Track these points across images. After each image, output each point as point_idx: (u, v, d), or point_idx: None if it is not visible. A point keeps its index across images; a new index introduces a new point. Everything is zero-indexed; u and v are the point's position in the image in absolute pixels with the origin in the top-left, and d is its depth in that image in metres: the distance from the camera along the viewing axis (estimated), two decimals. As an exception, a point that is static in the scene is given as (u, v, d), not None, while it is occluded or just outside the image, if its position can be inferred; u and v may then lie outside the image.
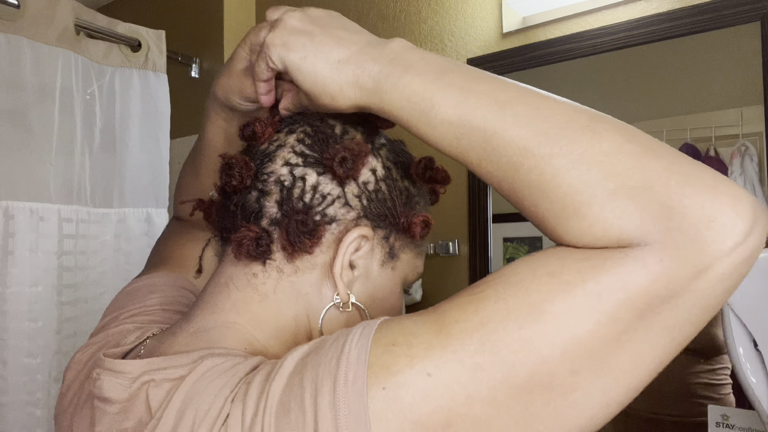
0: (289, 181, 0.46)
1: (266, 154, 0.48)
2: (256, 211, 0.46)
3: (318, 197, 0.46)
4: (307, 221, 0.44)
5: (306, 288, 0.47)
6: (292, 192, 0.46)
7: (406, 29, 1.49)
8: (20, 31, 1.25)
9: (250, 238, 0.45)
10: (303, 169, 0.46)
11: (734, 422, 0.89)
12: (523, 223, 1.27)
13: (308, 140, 0.48)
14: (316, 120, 0.49)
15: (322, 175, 0.46)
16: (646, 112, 1.11)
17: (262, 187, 0.47)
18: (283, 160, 0.47)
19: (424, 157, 0.52)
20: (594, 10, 1.18)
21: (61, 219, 1.32)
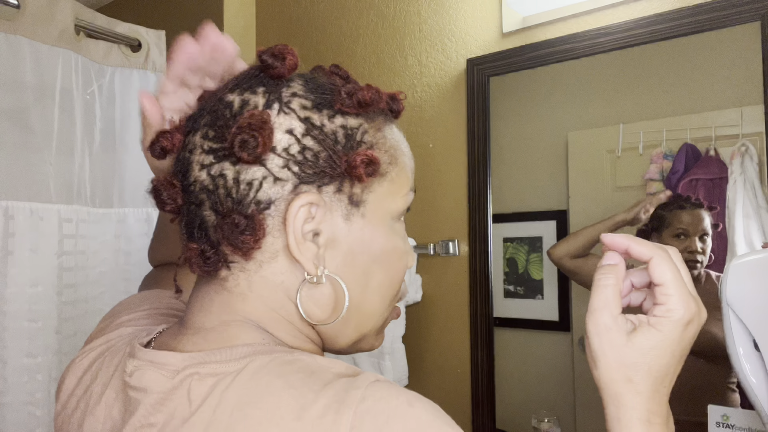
0: (210, 183, 0.44)
1: (184, 163, 0.45)
2: (198, 224, 0.45)
3: (244, 188, 0.43)
4: (238, 221, 0.42)
5: (278, 277, 0.45)
6: (218, 194, 0.43)
7: (406, 29, 1.49)
8: (20, 31, 1.25)
9: (195, 256, 0.44)
10: (218, 166, 0.43)
11: (734, 422, 0.89)
12: (523, 223, 1.27)
13: (211, 132, 0.44)
14: (214, 103, 0.46)
15: (238, 164, 0.43)
16: (646, 112, 1.12)
17: (193, 199, 0.45)
18: (199, 164, 0.44)
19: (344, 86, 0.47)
20: (594, 10, 1.18)
21: (61, 219, 1.32)
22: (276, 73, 0.45)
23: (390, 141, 0.49)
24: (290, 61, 0.46)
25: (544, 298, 1.24)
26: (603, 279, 0.49)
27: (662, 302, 0.48)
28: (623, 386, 0.49)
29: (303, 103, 0.45)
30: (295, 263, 0.44)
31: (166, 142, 0.46)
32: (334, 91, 0.46)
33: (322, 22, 1.66)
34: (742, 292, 0.72)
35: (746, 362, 0.71)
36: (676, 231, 1.08)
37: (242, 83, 0.46)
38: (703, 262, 1.07)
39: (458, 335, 1.35)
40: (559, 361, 1.21)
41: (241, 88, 0.46)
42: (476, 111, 1.33)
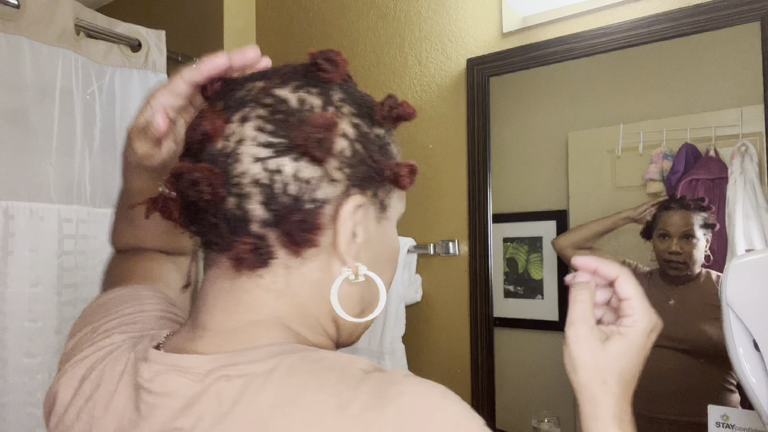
0: (266, 177, 0.43)
1: (227, 154, 0.43)
2: (240, 217, 0.43)
3: (302, 186, 0.43)
4: (306, 218, 0.43)
5: (317, 274, 0.46)
6: (273, 188, 0.43)
7: (406, 29, 1.49)
8: (20, 31, 1.25)
9: (248, 251, 0.43)
10: (276, 161, 0.43)
11: (734, 422, 0.89)
12: (523, 223, 1.27)
13: (269, 126, 0.43)
14: (265, 97, 0.45)
15: (299, 161, 0.43)
16: (646, 112, 1.12)
17: (238, 191, 0.43)
18: (252, 157, 0.43)
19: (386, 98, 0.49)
20: (594, 10, 1.18)
21: (61, 219, 1.32)
22: (328, 78, 0.47)
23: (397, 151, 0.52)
24: (342, 69, 0.48)
25: (544, 298, 1.24)
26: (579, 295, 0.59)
27: (629, 314, 0.55)
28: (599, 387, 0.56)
29: (351, 110, 0.47)
30: (333, 260, 0.46)
31: (209, 127, 0.43)
32: (373, 102, 0.49)
33: (322, 22, 1.66)
34: (742, 292, 0.72)
35: (746, 362, 0.71)
36: (660, 231, 1.11)
37: (291, 80, 0.46)
38: (690, 264, 1.07)
39: (458, 335, 1.35)
40: (559, 361, 1.20)
41: (293, 86, 0.46)
42: (476, 111, 1.33)
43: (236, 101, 0.45)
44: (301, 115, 0.44)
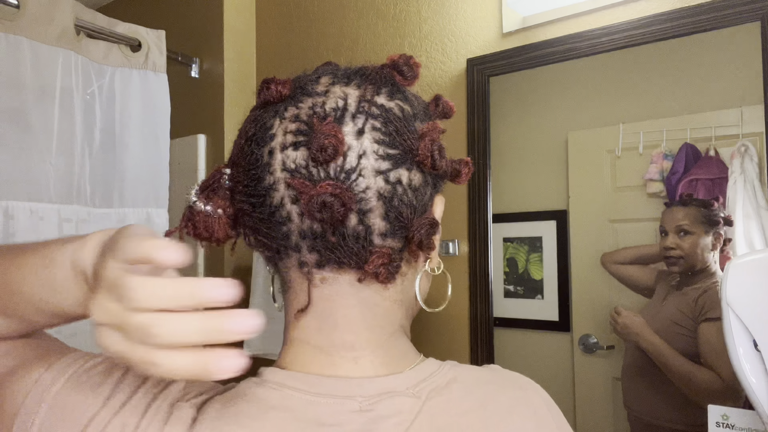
0: (387, 190, 0.42)
1: (350, 171, 0.41)
2: (362, 234, 0.42)
3: (417, 194, 0.44)
4: (429, 224, 0.44)
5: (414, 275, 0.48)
6: (393, 200, 0.42)
7: (406, 29, 1.49)
8: (20, 31, 1.25)
9: (385, 264, 0.42)
10: (395, 173, 0.42)
11: (734, 422, 0.89)
12: (523, 223, 1.27)
13: (385, 138, 0.42)
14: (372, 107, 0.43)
15: (411, 170, 0.43)
16: (646, 112, 1.12)
17: (362, 206, 0.42)
18: (374, 171, 0.42)
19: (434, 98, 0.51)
20: (594, 10, 1.18)
21: (61, 219, 1.32)
22: (406, 84, 0.48)
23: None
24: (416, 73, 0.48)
25: (544, 298, 1.24)
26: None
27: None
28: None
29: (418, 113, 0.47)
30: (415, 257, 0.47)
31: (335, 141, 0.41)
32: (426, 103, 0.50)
33: (322, 22, 1.66)
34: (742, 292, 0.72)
35: (746, 362, 0.71)
36: (660, 229, 1.11)
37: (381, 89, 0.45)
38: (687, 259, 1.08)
39: (458, 335, 1.35)
40: (559, 361, 1.21)
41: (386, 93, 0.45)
42: (476, 111, 1.33)
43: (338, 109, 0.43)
44: (407, 124, 0.44)
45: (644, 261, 1.15)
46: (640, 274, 1.16)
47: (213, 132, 1.72)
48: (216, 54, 1.73)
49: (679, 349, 1.05)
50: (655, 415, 1.08)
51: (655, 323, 1.09)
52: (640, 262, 1.16)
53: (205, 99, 1.74)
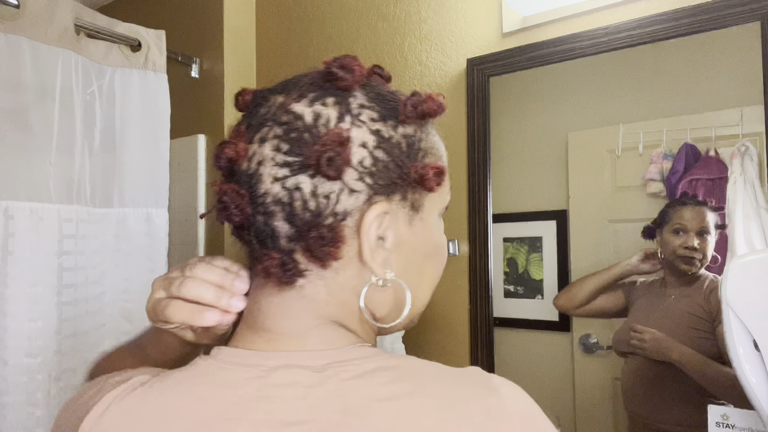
0: (285, 196, 0.44)
1: (251, 175, 0.45)
2: (269, 234, 0.46)
3: (322, 201, 0.44)
4: (324, 234, 0.44)
5: (353, 281, 0.47)
6: (294, 206, 0.44)
7: (406, 29, 1.49)
8: (20, 31, 1.25)
9: (275, 265, 0.45)
10: (294, 180, 0.44)
11: (734, 422, 0.89)
12: (523, 223, 1.27)
13: (284, 145, 0.45)
14: (282, 114, 0.46)
15: (315, 177, 0.44)
16: (646, 112, 1.12)
17: (264, 210, 0.45)
18: (271, 177, 0.45)
19: (409, 97, 0.49)
20: (594, 10, 1.18)
21: (61, 219, 1.32)
22: (345, 86, 0.47)
23: (436, 143, 0.52)
24: (359, 74, 0.47)
25: (544, 298, 1.24)
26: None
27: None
28: None
29: (371, 115, 0.47)
30: (364, 268, 0.47)
31: (232, 153, 0.46)
32: (397, 101, 0.49)
33: (322, 22, 1.66)
34: (742, 292, 0.72)
35: (746, 362, 0.71)
36: (675, 226, 1.09)
37: (308, 93, 0.47)
38: (703, 261, 1.07)
39: (458, 335, 1.35)
40: (559, 361, 1.21)
41: (309, 99, 0.46)
42: (476, 111, 1.33)
43: (258, 119, 0.47)
44: (315, 131, 0.45)
45: (606, 289, 1.15)
46: (608, 302, 1.15)
47: (213, 132, 1.72)
48: (216, 54, 1.73)
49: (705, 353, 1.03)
50: (655, 415, 1.08)
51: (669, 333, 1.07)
52: (603, 291, 1.15)
53: (205, 99, 1.74)
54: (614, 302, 1.15)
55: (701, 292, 1.06)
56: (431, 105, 0.49)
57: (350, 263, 0.47)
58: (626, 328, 1.12)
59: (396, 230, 0.48)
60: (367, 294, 0.47)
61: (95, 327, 1.41)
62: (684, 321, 1.07)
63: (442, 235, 0.54)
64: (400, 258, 0.49)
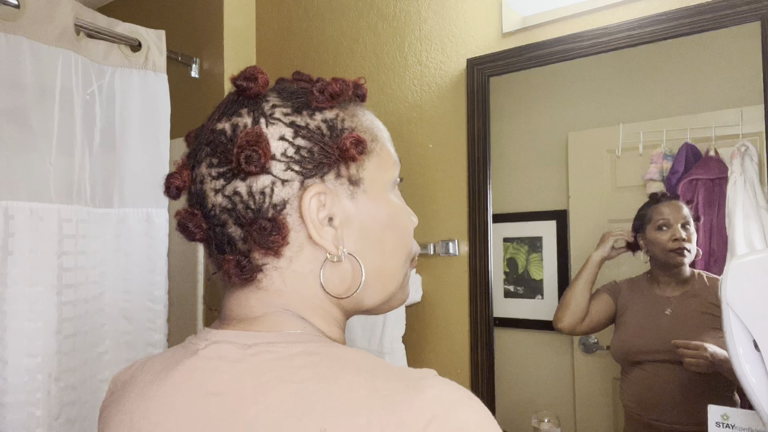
0: (228, 203, 0.49)
1: (198, 194, 0.51)
2: (226, 241, 0.50)
3: (259, 197, 0.48)
4: (265, 225, 0.48)
5: (306, 266, 0.51)
6: (237, 210, 0.49)
7: (406, 29, 1.49)
8: (20, 31, 1.25)
9: (232, 266, 0.49)
10: (230, 186, 0.49)
11: (734, 422, 0.89)
12: (523, 223, 1.27)
13: (214, 160, 0.50)
14: (209, 135, 0.51)
15: (248, 178, 0.48)
16: (646, 112, 1.12)
17: (216, 221, 0.50)
18: (213, 190, 0.50)
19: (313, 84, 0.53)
20: (594, 10, 1.18)
21: (61, 219, 1.32)
22: (253, 93, 0.51)
23: (365, 122, 0.55)
24: (262, 79, 0.51)
25: (544, 298, 1.24)
26: None
27: None
28: None
29: (284, 111, 0.50)
30: (318, 249, 0.50)
31: (178, 182, 0.52)
32: (306, 92, 0.52)
33: (322, 22, 1.66)
34: (742, 292, 0.72)
35: (746, 362, 0.71)
36: (658, 223, 1.10)
37: (226, 111, 0.52)
38: (691, 251, 1.07)
39: (458, 335, 1.35)
40: (559, 361, 1.21)
41: (227, 115, 0.51)
42: (476, 111, 1.33)
43: (194, 146, 0.53)
44: (236, 139, 0.49)
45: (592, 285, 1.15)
46: (602, 309, 1.15)
47: (213, 132, 1.71)
48: (216, 54, 1.73)
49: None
50: (655, 415, 1.08)
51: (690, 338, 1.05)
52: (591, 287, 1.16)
53: (205, 99, 1.74)
54: (606, 309, 1.15)
55: (708, 290, 1.06)
56: (335, 86, 0.52)
57: (302, 249, 0.50)
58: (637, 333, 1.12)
59: (340, 207, 0.51)
60: (325, 273, 0.51)
61: (95, 327, 1.41)
62: (703, 323, 1.05)
63: (398, 203, 0.56)
64: (353, 233, 0.51)
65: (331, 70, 1.63)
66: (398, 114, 1.48)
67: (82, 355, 1.37)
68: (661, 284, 1.11)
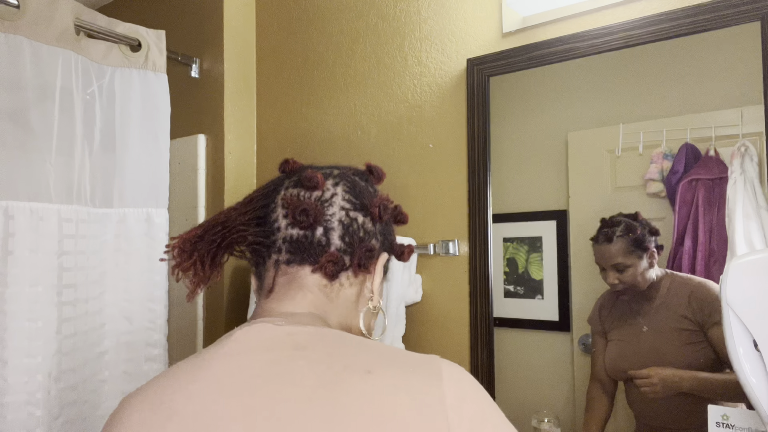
0: (347, 220, 0.65)
1: (324, 200, 0.65)
2: (324, 242, 0.64)
3: (368, 233, 0.66)
4: (373, 248, 0.66)
5: (353, 297, 0.67)
6: (350, 228, 0.65)
7: (406, 29, 1.49)
8: (20, 31, 1.25)
9: (334, 261, 0.63)
10: (354, 213, 0.66)
11: (734, 422, 0.89)
12: (523, 223, 1.27)
13: (351, 193, 0.67)
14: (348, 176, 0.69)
15: (366, 217, 0.66)
16: (646, 112, 1.12)
17: (327, 225, 0.64)
18: (340, 206, 0.65)
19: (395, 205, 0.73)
20: (594, 10, 1.19)
21: (61, 219, 1.32)
22: (374, 182, 0.73)
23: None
24: (382, 180, 0.74)
25: (544, 298, 1.24)
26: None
27: None
28: None
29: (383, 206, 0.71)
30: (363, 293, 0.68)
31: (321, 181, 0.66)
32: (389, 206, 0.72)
33: (322, 22, 1.66)
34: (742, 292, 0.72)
35: (746, 362, 0.71)
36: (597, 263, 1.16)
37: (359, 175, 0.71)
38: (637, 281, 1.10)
39: (458, 335, 1.35)
40: (559, 361, 1.21)
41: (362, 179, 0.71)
42: (476, 111, 1.33)
43: (325, 173, 0.68)
44: (369, 193, 0.69)
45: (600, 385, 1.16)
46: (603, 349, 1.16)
47: (213, 132, 1.72)
48: (216, 54, 1.73)
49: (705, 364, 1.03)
50: (655, 415, 1.08)
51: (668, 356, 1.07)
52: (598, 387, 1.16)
53: (205, 99, 1.74)
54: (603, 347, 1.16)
55: (678, 301, 1.06)
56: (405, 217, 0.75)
57: (356, 285, 0.67)
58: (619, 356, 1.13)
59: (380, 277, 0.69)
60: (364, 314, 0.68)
61: (95, 327, 1.41)
62: (676, 339, 1.06)
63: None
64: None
65: (331, 70, 1.63)
66: (398, 114, 1.48)
67: (82, 355, 1.37)
68: (633, 299, 1.12)
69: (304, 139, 1.68)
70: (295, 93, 1.71)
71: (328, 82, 1.64)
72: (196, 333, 1.68)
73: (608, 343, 1.15)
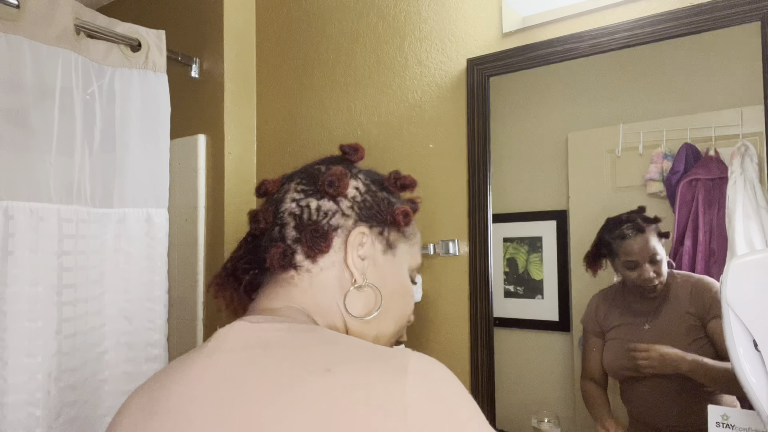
0: (297, 210, 0.65)
1: (277, 199, 0.67)
2: (279, 238, 0.65)
3: (322, 213, 0.64)
4: (318, 228, 0.63)
5: (332, 281, 0.64)
6: (302, 216, 0.64)
7: (406, 29, 1.49)
8: (20, 31, 1.25)
9: (279, 253, 0.63)
10: (306, 200, 0.65)
11: (734, 422, 0.89)
12: (523, 223, 1.27)
13: (304, 181, 0.67)
14: (307, 167, 0.69)
15: (321, 199, 0.65)
16: (646, 112, 1.12)
17: (281, 221, 0.65)
18: (291, 198, 0.66)
19: (392, 171, 0.71)
20: (594, 10, 1.19)
21: (61, 219, 1.32)
22: (351, 160, 0.71)
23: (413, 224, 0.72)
24: (360, 154, 0.72)
25: (544, 298, 1.24)
26: None
27: None
28: None
29: (365, 177, 0.69)
30: (345, 273, 0.64)
31: (270, 185, 0.70)
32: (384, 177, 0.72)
33: (322, 22, 1.66)
34: (742, 292, 0.72)
35: (746, 362, 0.71)
36: (625, 262, 1.11)
37: (326, 162, 0.70)
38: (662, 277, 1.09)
39: (458, 335, 1.35)
40: (559, 361, 1.21)
41: (326, 164, 0.69)
42: (476, 111, 1.33)
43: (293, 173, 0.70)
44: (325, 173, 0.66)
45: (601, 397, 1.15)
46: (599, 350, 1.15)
47: (213, 132, 1.72)
48: (216, 54, 1.73)
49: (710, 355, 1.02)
50: (655, 415, 1.08)
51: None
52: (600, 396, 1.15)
53: (205, 99, 1.74)
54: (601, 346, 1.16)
55: (683, 295, 1.06)
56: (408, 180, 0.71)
57: (333, 267, 0.64)
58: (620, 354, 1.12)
59: (373, 253, 0.65)
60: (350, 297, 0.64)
61: (95, 327, 1.41)
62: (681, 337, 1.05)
63: (410, 284, 0.71)
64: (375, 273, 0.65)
65: (331, 70, 1.63)
66: (398, 114, 1.48)
67: (82, 355, 1.37)
68: (635, 299, 1.11)
69: (304, 139, 1.68)
70: (295, 93, 1.71)
71: (328, 82, 1.64)
72: (196, 333, 1.68)
73: (606, 342, 1.15)
